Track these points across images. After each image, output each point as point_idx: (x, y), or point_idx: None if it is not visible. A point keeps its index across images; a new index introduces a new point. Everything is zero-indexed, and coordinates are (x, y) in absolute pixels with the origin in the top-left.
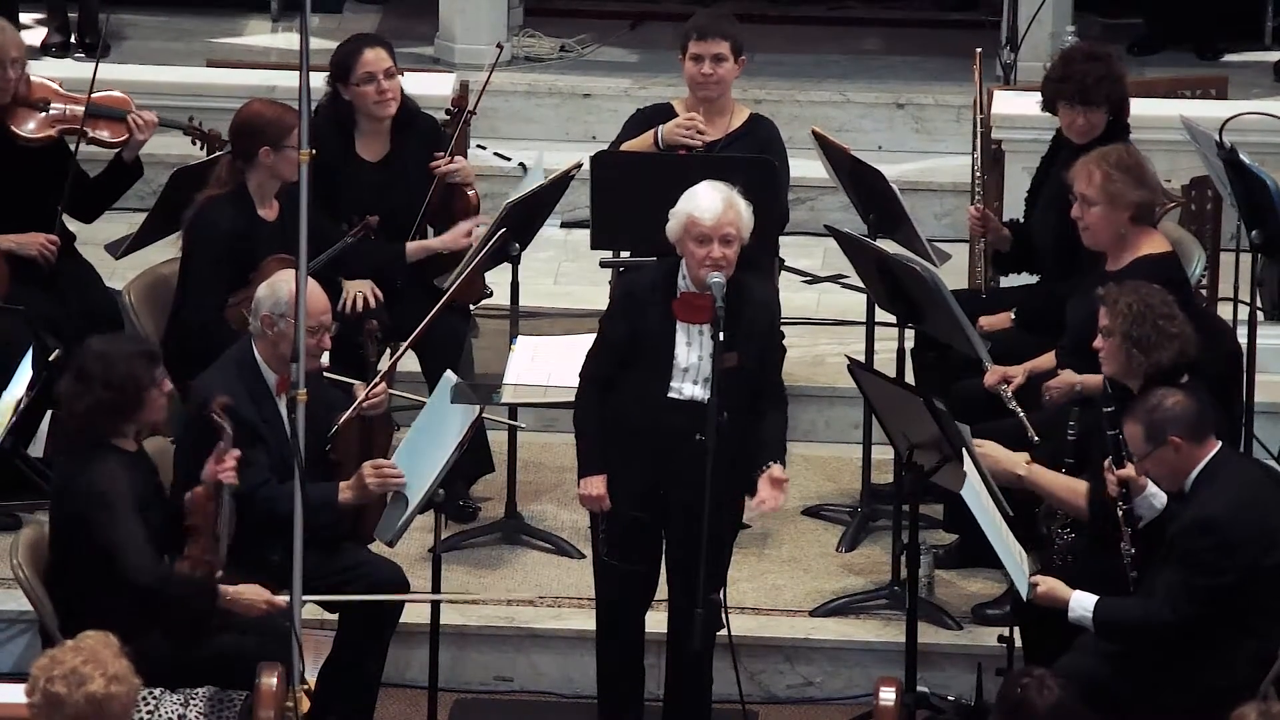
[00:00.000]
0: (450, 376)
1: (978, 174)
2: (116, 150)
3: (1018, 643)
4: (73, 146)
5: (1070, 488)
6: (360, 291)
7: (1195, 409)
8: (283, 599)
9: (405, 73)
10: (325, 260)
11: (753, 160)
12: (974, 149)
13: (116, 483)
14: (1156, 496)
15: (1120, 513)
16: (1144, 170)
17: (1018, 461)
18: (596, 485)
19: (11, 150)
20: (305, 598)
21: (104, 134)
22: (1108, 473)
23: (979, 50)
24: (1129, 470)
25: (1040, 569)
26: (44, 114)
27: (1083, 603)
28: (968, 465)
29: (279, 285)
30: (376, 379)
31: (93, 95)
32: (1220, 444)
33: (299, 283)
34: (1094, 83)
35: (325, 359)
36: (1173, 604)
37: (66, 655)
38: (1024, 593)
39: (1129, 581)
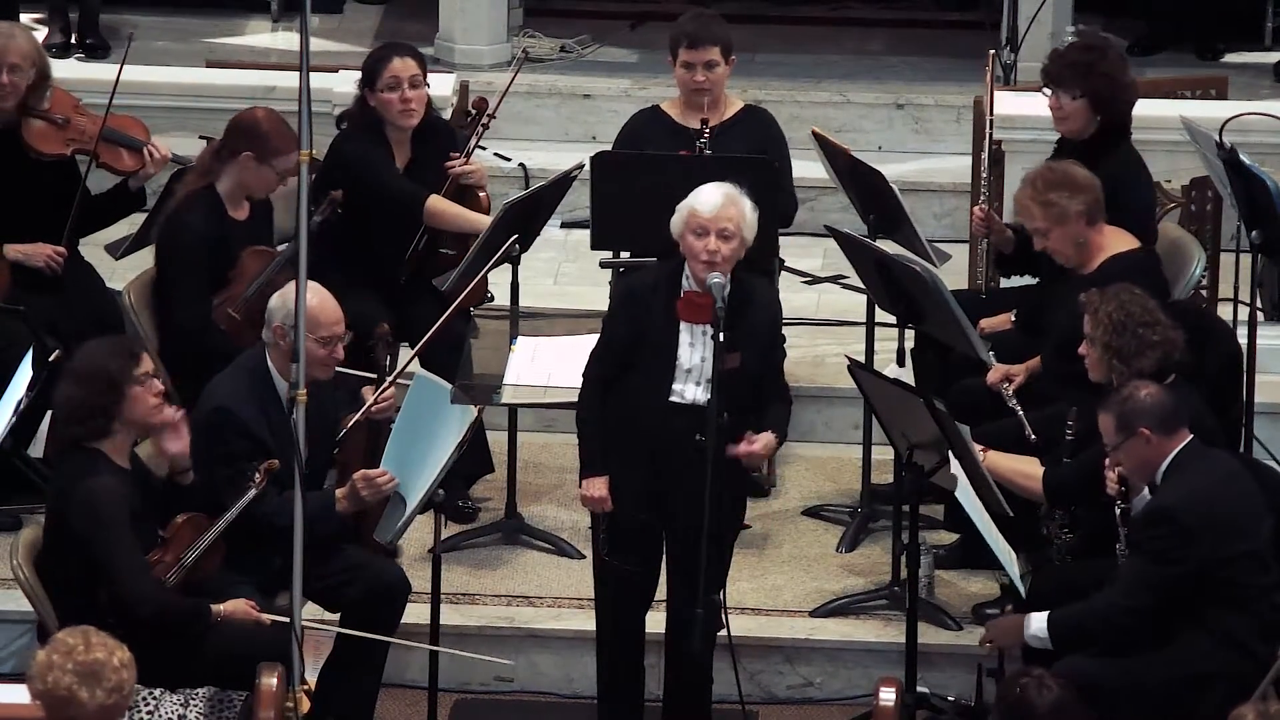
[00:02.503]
0: (422, 376)
1: (983, 174)
2: (123, 176)
3: None
4: (84, 167)
5: (1024, 473)
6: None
7: (1167, 402)
8: (269, 616)
9: (429, 85)
10: (293, 253)
11: (754, 161)
12: (982, 149)
13: (117, 504)
14: None
15: (1118, 512)
16: (1072, 176)
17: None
18: (599, 486)
19: (23, 162)
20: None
21: (116, 160)
22: (1108, 471)
23: (992, 52)
24: None
25: (1031, 569)
26: (60, 130)
27: (1037, 621)
28: (958, 466)
29: (290, 296)
30: (385, 383)
31: (112, 120)
32: (1191, 437)
33: (299, 283)
34: (1068, 66)
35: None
36: (1126, 591)
37: (72, 648)
38: (1023, 591)
39: None
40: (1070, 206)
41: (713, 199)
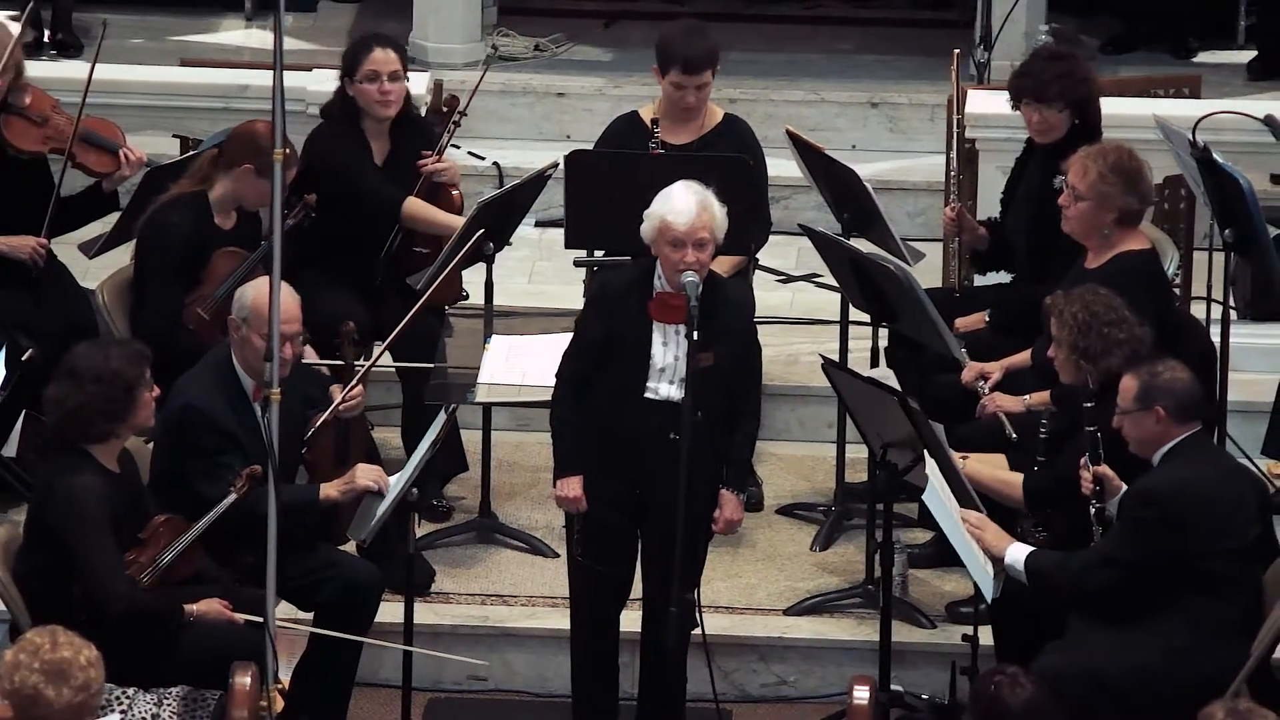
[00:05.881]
0: None
1: (953, 174)
2: (97, 178)
3: (983, 641)
4: (60, 166)
5: (1004, 480)
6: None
7: (1193, 391)
8: (242, 616)
9: (409, 77)
10: (264, 254)
11: (729, 160)
12: (949, 148)
13: (100, 505)
14: None
15: (1092, 511)
16: (1140, 176)
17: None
18: (573, 486)
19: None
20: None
21: (91, 162)
22: (1083, 470)
23: (957, 51)
24: (1105, 468)
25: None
26: (38, 128)
27: (1016, 553)
28: (930, 467)
29: (246, 289)
30: (353, 381)
31: (88, 122)
32: (1199, 429)
33: (272, 283)
34: (1049, 80)
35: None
36: (1102, 558)
37: (39, 647)
38: (987, 594)
39: None
40: (1116, 199)
41: (687, 209)
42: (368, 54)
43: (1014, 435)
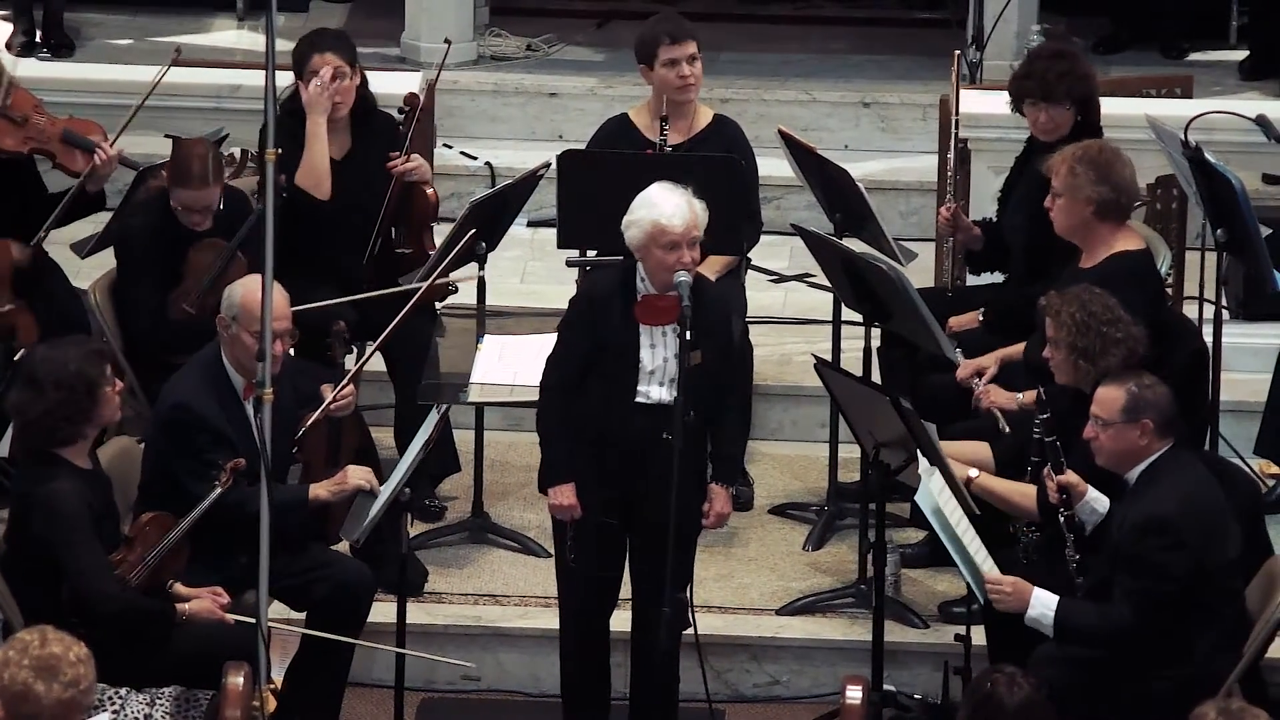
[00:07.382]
0: None
1: (949, 173)
2: (79, 177)
3: (976, 641)
4: (41, 166)
5: (1021, 492)
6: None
7: (1173, 406)
8: (233, 616)
9: (363, 72)
10: (240, 240)
11: (720, 159)
12: (948, 148)
13: (77, 507)
14: (1099, 501)
15: (1063, 519)
16: (1111, 168)
17: (965, 470)
18: (566, 494)
19: None
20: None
21: (71, 161)
22: (1047, 479)
23: (957, 52)
24: (1069, 476)
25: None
26: (18, 128)
27: (1044, 601)
28: (923, 467)
29: (234, 287)
30: (344, 380)
31: (70, 122)
32: (1174, 443)
33: (264, 282)
34: (1055, 79)
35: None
36: (1132, 609)
37: (29, 644)
38: (980, 597)
39: (1075, 588)
40: (1085, 188)
41: (680, 212)
42: (309, 58)
43: (1007, 428)
